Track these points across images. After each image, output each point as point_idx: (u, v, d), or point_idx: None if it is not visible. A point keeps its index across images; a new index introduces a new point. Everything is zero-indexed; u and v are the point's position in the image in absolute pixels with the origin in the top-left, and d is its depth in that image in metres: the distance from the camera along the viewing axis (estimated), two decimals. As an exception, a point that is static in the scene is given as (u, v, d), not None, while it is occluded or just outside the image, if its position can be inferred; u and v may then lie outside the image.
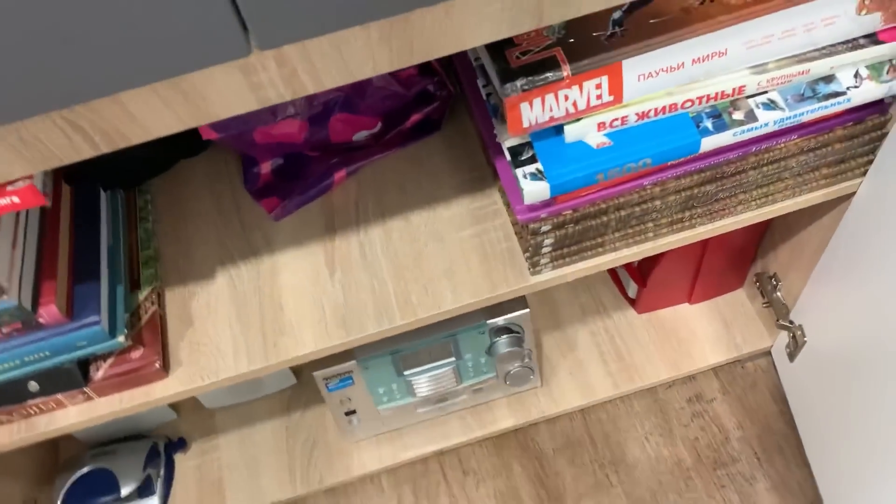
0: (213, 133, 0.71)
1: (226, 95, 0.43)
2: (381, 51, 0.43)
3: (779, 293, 0.94)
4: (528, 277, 0.69)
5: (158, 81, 0.40)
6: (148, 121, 0.43)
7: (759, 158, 0.64)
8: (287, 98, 0.45)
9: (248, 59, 0.41)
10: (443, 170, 0.76)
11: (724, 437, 0.98)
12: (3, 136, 0.41)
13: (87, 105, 0.41)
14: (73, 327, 0.62)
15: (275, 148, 0.75)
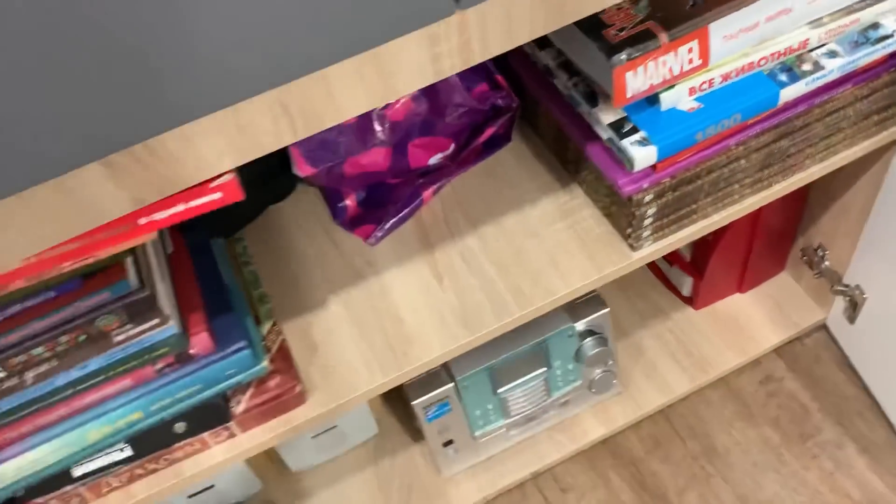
0: (308, 168, 0.75)
1: (410, 69, 0.47)
2: (538, 13, 0.49)
3: (827, 262, 1.00)
4: (630, 255, 0.73)
5: (364, 52, 0.44)
6: (343, 100, 0.47)
7: (823, 109, 0.71)
8: (457, 69, 0.49)
9: (437, 26, 0.45)
10: (520, 177, 0.81)
11: (803, 411, 1.01)
12: (223, 122, 0.44)
13: (298, 83, 0.44)
14: (223, 355, 0.62)
15: (361, 178, 0.79)
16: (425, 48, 0.46)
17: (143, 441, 0.64)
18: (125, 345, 0.57)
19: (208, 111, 0.43)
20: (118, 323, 0.55)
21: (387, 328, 0.72)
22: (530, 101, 0.81)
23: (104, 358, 0.57)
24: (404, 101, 0.76)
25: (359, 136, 0.76)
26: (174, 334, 0.59)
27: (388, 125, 0.76)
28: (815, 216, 0.99)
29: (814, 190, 0.97)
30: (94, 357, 0.57)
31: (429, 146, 0.81)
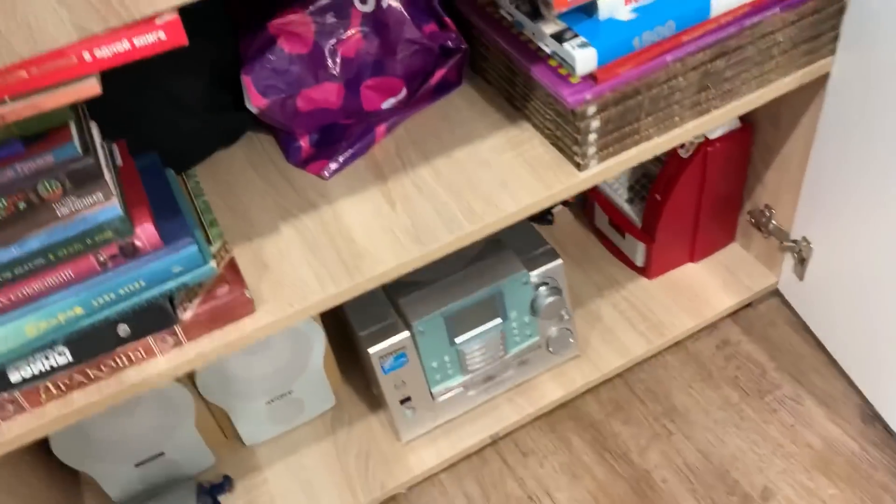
0: (261, 99, 0.76)
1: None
2: None
3: (774, 222, 1.02)
4: (577, 175, 0.75)
5: None
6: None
7: (753, 32, 0.74)
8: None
9: None
10: (471, 117, 0.82)
11: (760, 370, 1.02)
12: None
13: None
14: (169, 251, 0.62)
15: (314, 116, 0.80)
16: None
17: (84, 344, 0.62)
18: (68, 221, 0.56)
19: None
20: (61, 191, 0.54)
21: (339, 247, 0.72)
22: (478, 46, 0.84)
23: (46, 235, 0.56)
24: (355, 36, 0.78)
25: (310, 67, 0.77)
26: (119, 216, 0.58)
27: (340, 60, 0.78)
28: (759, 175, 1.02)
29: (756, 148, 1.00)
30: (36, 232, 0.56)
31: (381, 88, 0.82)
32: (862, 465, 0.91)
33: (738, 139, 0.98)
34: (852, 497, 0.89)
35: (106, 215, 0.57)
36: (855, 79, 0.81)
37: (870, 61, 0.78)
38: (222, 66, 0.77)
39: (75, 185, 0.55)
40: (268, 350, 0.90)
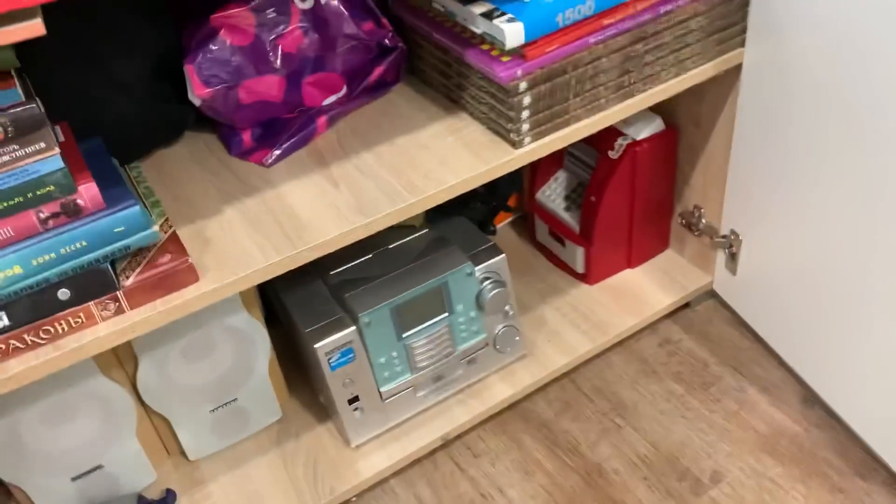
0: (203, 88, 0.78)
1: None
2: None
3: (704, 220, 1.07)
4: (513, 151, 0.78)
5: None
6: None
7: (669, 18, 0.80)
8: None
9: None
10: (410, 110, 0.86)
11: (702, 364, 1.04)
12: None
13: None
14: (112, 211, 0.62)
15: (256, 109, 0.82)
16: None
17: (22, 307, 0.61)
18: (9, 169, 0.56)
19: None
20: (2, 136, 0.55)
21: (282, 222, 0.73)
22: (414, 48, 0.88)
23: (-15, 184, 0.56)
24: (296, 32, 0.82)
25: (252, 60, 0.80)
26: (62, 169, 0.58)
27: (281, 54, 0.81)
28: (687, 177, 1.07)
29: (682, 150, 1.06)
30: (-26, 180, 0.56)
31: (322, 84, 0.85)
32: (806, 444, 0.93)
33: (664, 140, 1.03)
34: (798, 473, 0.90)
35: (49, 167, 0.58)
36: (764, 69, 0.88)
37: (775, 52, 0.85)
38: (165, 57, 0.79)
39: (18, 131, 0.55)
40: (211, 353, 0.89)
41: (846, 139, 0.80)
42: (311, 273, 0.94)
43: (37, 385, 0.79)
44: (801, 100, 0.84)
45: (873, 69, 0.74)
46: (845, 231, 0.84)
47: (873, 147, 0.77)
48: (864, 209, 0.81)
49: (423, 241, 0.95)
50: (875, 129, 0.76)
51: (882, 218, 0.79)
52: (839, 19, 0.76)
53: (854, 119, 0.78)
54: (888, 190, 0.77)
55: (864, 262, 0.84)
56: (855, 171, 0.80)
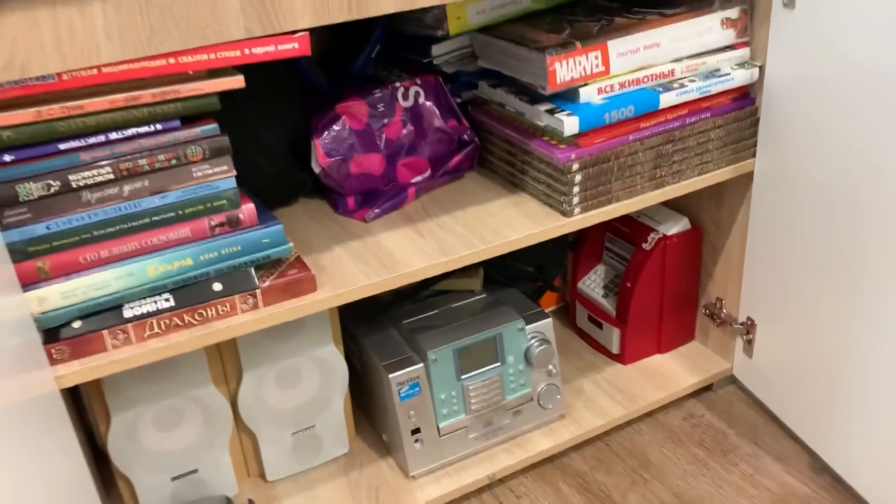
0: (325, 158, 0.99)
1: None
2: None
3: (725, 310, 1.22)
4: (563, 219, 0.97)
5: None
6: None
7: (693, 128, 1.01)
8: None
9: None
10: (480, 191, 1.06)
11: (722, 435, 1.16)
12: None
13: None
14: (262, 227, 0.81)
15: (361, 180, 1.03)
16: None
17: (185, 293, 0.80)
18: (199, 183, 0.77)
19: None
20: (201, 156, 0.75)
21: (380, 257, 0.92)
22: (485, 143, 1.10)
23: (181, 192, 0.76)
24: (397, 123, 1.04)
25: (363, 141, 1.02)
26: (234, 188, 0.79)
27: (384, 139, 1.03)
28: (710, 273, 1.24)
29: (705, 249, 1.24)
30: (175, 187, 0.76)
31: (412, 166, 1.07)
32: (814, 503, 1.04)
33: (690, 238, 1.21)
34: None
35: (226, 185, 0.78)
36: (772, 177, 1.07)
37: (780, 163, 1.05)
38: (297, 134, 1.01)
39: (212, 154, 0.76)
40: (300, 380, 1.05)
41: (847, 237, 0.97)
42: (387, 323, 1.11)
43: (155, 387, 0.96)
44: (804, 203, 1.03)
45: (866, 176, 0.93)
46: (849, 319, 1.00)
47: (872, 243, 0.95)
48: (867, 299, 0.97)
49: (481, 303, 1.13)
50: (870, 228, 0.94)
51: (882, 306, 0.95)
52: (834, 138, 0.96)
53: (853, 218, 0.96)
54: (885, 281, 0.94)
55: (867, 348, 0.98)
56: (856, 265, 0.97)
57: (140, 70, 0.70)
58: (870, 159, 0.91)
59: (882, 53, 0.86)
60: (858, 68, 0.89)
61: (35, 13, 0.63)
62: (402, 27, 1.11)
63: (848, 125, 0.93)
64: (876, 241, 0.93)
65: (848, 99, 0.92)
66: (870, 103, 0.89)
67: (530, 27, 1.00)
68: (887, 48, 0.86)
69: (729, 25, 1.02)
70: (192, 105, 0.75)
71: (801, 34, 0.96)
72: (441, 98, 1.07)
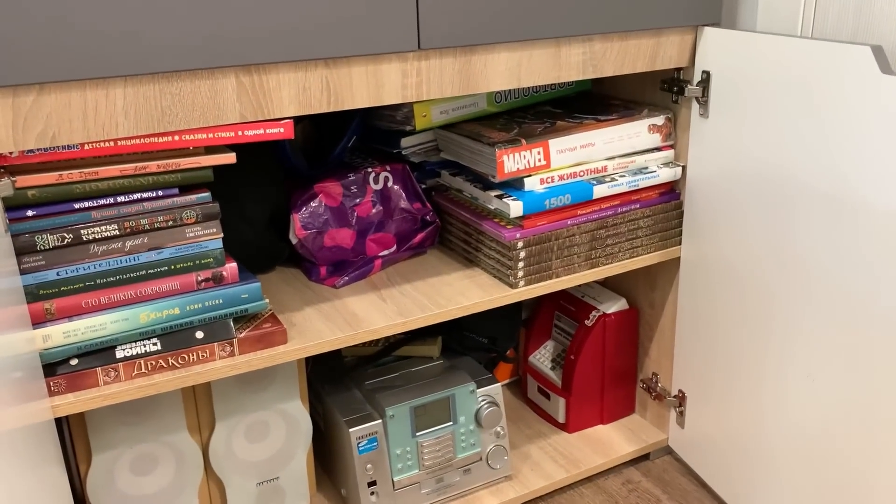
0: (302, 231, 1.12)
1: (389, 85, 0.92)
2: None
3: (660, 384, 1.34)
4: (509, 290, 1.10)
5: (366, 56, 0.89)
6: (357, 91, 0.90)
7: (624, 216, 1.16)
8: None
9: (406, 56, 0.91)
10: (439, 265, 1.19)
11: (656, 499, 1.25)
12: (299, 76, 0.86)
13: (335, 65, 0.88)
14: (241, 283, 0.93)
15: (333, 252, 1.16)
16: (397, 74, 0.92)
17: (171, 339, 0.90)
18: (190, 243, 0.89)
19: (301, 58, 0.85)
20: (194, 219, 0.88)
21: (346, 317, 1.04)
22: (445, 224, 1.24)
23: (175, 249, 0.89)
24: (368, 203, 1.18)
25: (336, 217, 1.15)
26: (220, 248, 0.91)
27: (356, 216, 1.17)
28: (646, 350, 1.37)
29: (641, 328, 1.36)
30: (171, 244, 0.88)
31: (380, 241, 1.20)
32: (735, 561, 1.13)
33: (627, 316, 1.34)
34: (728, 581, 1.09)
35: (214, 245, 0.91)
36: (695, 262, 1.22)
37: (702, 249, 1.20)
38: (277, 208, 1.15)
39: (204, 218, 0.89)
40: (267, 434, 1.14)
41: (757, 318, 1.11)
42: (350, 383, 1.22)
43: (135, 430, 1.05)
44: (723, 286, 1.17)
45: (773, 263, 1.08)
46: (766, 391, 1.12)
47: (777, 324, 1.08)
48: (776, 372, 1.10)
49: (438, 368, 1.24)
50: (774, 310, 1.08)
51: (787, 378, 1.08)
52: (747, 228, 1.11)
53: (762, 301, 1.10)
54: (790, 355, 1.07)
55: (780, 419, 1.10)
56: (766, 343, 1.11)
57: (149, 144, 0.84)
58: (777, 248, 1.06)
59: (781, 155, 1.03)
60: (765, 167, 1.05)
61: (69, 93, 0.77)
62: (376, 122, 1.27)
63: (758, 217, 1.08)
64: (780, 321, 1.07)
65: (758, 194, 1.07)
66: (776, 198, 1.05)
67: (485, 126, 1.17)
68: (785, 150, 1.02)
69: (655, 130, 1.18)
70: (190, 176, 0.88)
71: (716, 139, 1.13)
72: (408, 183, 1.21)
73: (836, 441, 1.01)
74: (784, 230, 1.04)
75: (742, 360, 1.14)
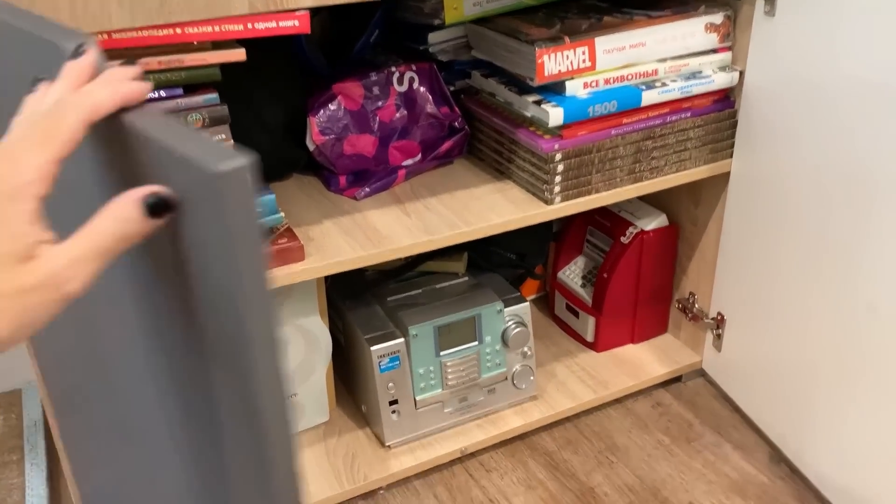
0: (320, 136, 1.03)
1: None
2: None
3: (697, 305, 1.27)
4: (544, 207, 1.01)
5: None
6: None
7: (673, 126, 1.06)
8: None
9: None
10: (467, 176, 1.11)
11: (687, 423, 1.21)
12: (314, -31, 0.75)
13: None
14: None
15: (353, 160, 1.07)
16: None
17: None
18: (198, 149, 0.80)
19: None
20: (202, 122, 0.79)
21: (367, 233, 0.96)
22: (475, 132, 1.14)
23: (181, 157, 0.80)
24: (391, 106, 1.08)
25: (357, 122, 1.06)
26: (231, 156, 0.82)
27: (378, 121, 1.07)
28: (685, 269, 1.29)
29: (681, 246, 1.28)
30: (176, 152, 0.80)
31: (404, 149, 1.11)
32: (770, 490, 1.09)
33: (667, 234, 1.26)
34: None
35: (222, 153, 0.82)
36: (747, 178, 1.12)
37: (755, 165, 1.10)
38: (295, 113, 1.05)
39: (212, 122, 0.80)
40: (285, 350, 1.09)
41: (814, 241, 1.02)
42: (372, 300, 1.16)
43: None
44: (776, 205, 1.07)
45: (836, 181, 0.98)
46: (815, 319, 1.04)
47: (838, 249, 0.99)
48: (832, 302, 1.02)
49: (463, 286, 1.17)
50: (837, 233, 0.99)
51: (846, 310, 1.00)
52: (808, 143, 1.00)
53: (821, 223, 1.01)
54: (850, 286, 0.99)
55: (829, 349, 1.03)
56: (822, 269, 1.02)
57: (147, 38, 0.74)
58: (841, 165, 0.96)
59: (858, 62, 0.91)
60: (835, 76, 0.94)
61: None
62: (401, 15, 1.15)
63: (822, 131, 0.97)
64: (839, 245, 0.98)
65: (824, 105, 0.96)
66: (845, 110, 0.94)
67: (523, 21, 1.05)
68: (863, 56, 0.90)
69: (712, 30, 1.06)
70: (195, 74, 0.79)
71: (781, 42, 1.01)
72: (435, 85, 1.11)
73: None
74: (852, 146, 0.93)
75: (791, 285, 1.06)
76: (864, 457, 1.00)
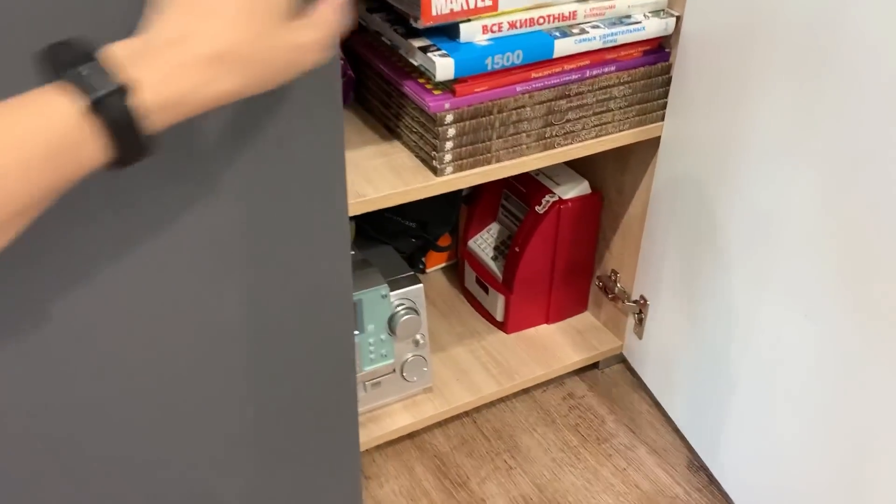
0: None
1: None
2: None
3: (619, 285, 1.12)
4: (433, 178, 0.84)
5: None
6: None
7: (592, 83, 0.88)
8: None
9: None
10: (349, 133, 0.91)
11: (600, 421, 1.07)
12: None
13: None
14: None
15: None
16: None
17: None
18: None
19: None
20: None
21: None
22: (364, 79, 0.94)
23: None
24: (252, 45, 0.88)
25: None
26: None
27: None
28: (608, 242, 1.13)
29: (604, 216, 1.12)
30: None
31: (270, 98, 0.91)
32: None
33: (588, 202, 1.09)
34: (672, 532, 0.93)
35: None
36: (680, 145, 0.95)
37: (691, 128, 0.93)
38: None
39: None
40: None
41: (758, 220, 0.86)
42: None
43: None
44: (713, 177, 0.91)
45: (789, 152, 0.81)
46: (739, 309, 0.90)
47: (767, 239, 0.84)
48: (758, 292, 0.87)
49: (346, 261, 1.00)
50: (791, 213, 0.83)
51: (771, 301, 0.85)
52: (754, 102, 0.83)
53: (769, 197, 0.85)
54: (779, 274, 0.83)
55: (753, 343, 0.89)
56: (758, 257, 0.87)
57: None
58: (793, 133, 0.79)
59: (815, 8, 0.74)
60: (792, 22, 0.76)
61: None
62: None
63: (773, 91, 0.80)
64: (782, 231, 0.82)
65: (777, 59, 0.79)
66: (802, 63, 0.77)
67: (414, -56, 0.85)
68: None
69: (646, -34, 0.87)
70: None
71: (726, -16, 0.83)
72: (310, 19, 0.90)
73: (831, 389, 0.80)
74: (808, 108, 0.76)
75: (721, 272, 0.91)
76: (784, 470, 0.88)
